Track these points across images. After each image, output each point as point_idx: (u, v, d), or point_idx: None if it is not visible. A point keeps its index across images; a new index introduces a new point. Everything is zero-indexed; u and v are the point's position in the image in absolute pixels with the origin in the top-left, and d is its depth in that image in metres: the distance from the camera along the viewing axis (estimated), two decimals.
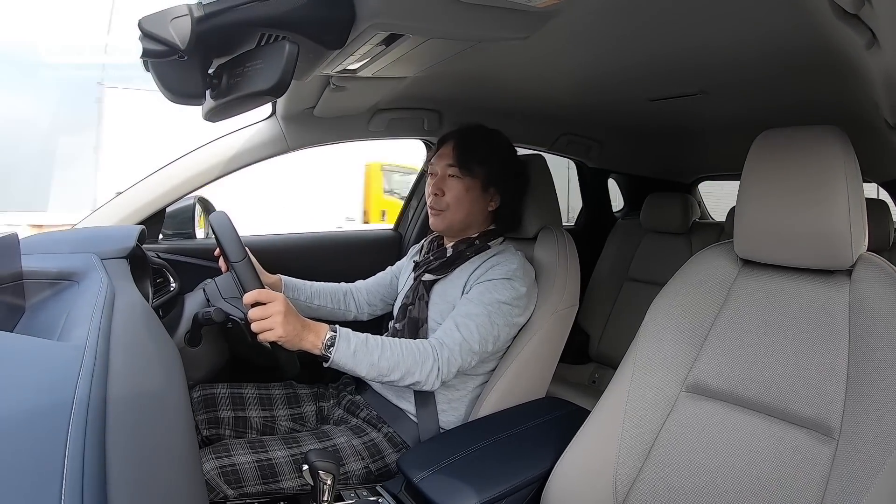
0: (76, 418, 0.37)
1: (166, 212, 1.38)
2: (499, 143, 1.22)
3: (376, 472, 1.08)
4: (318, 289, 1.31)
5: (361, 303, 1.37)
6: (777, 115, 1.45)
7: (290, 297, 1.23)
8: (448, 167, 1.17)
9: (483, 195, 1.18)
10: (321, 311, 1.30)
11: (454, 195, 1.16)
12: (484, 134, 1.21)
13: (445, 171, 1.18)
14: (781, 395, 0.77)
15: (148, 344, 0.64)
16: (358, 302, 1.36)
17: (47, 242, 0.92)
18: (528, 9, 0.77)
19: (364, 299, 1.37)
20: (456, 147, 1.18)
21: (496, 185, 1.19)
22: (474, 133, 1.21)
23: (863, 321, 0.73)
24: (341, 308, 1.33)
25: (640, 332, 0.92)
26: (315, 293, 1.29)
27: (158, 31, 0.61)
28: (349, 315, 1.35)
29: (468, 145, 1.17)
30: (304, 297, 1.27)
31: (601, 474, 0.86)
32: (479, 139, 1.20)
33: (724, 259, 0.90)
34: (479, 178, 1.17)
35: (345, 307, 1.34)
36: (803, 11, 0.76)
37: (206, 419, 1.14)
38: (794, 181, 0.77)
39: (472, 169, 1.16)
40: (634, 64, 1.11)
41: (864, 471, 0.66)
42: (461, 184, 1.16)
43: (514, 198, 1.24)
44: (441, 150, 1.20)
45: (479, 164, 1.16)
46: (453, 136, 1.21)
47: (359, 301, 1.37)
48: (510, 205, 1.23)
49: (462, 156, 1.16)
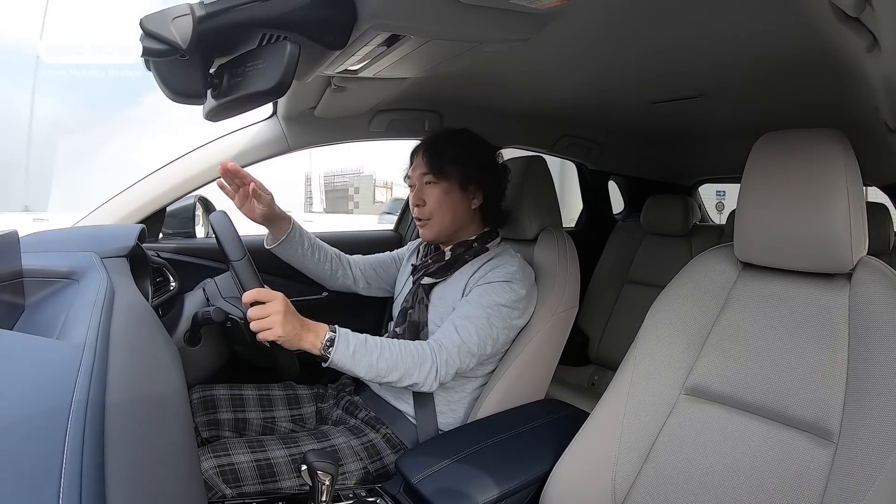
0: (75, 417, 0.37)
1: (166, 211, 1.37)
2: (467, 141, 1.22)
3: (374, 472, 1.08)
4: (322, 244, 1.30)
5: (357, 274, 1.36)
6: (777, 118, 1.45)
7: (295, 237, 1.22)
8: (423, 175, 1.18)
9: (463, 195, 1.18)
10: (320, 266, 1.29)
11: (434, 201, 1.17)
12: (451, 135, 1.22)
13: (421, 179, 1.18)
14: (781, 398, 0.77)
15: (147, 343, 0.64)
16: (354, 271, 1.36)
17: (47, 241, 0.92)
18: (529, 11, 0.77)
19: (360, 273, 1.37)
20: (425, 153, 1.18)
21: (474, 181, 1.19)
22: (441, 137, 1.22)
23: (863, 324, 0.73)
24: (339, 271, 1.33)
25: (640, 334, 0.92)
26: (318, 246, 1.29)
27: (160, 31, 0.61)
28: (347, 280, 1.34)
29: (437, 149, 1.18)
30: (307, 243, 1.26)
31: (600, 476, 0.86)
32: (447, 141, 1.20)
33: (724, 262, 0.90)
34: (456, 179, 1.17)
35: (342, 271, 1.33)
36: (804, 15, 0.76)
37: (205, 421, 1.14)
38: (795, 184, 0.77)
39: (445, 171, 1.16)
40: (635, 66, 1.11)
41: (864, 474, 0.66)
42: (439, 188, 1.17)
43: (496, 190, 1.24)
44: (415, 162, 1.21)
45: (451, 165, 1.16)
46: (422, 145, 1.22)
47: (354, 271, 1.36)
48: (493, 199, 1.23)
49: (433, 160, 1.17)
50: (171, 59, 0.65)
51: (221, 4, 0.64)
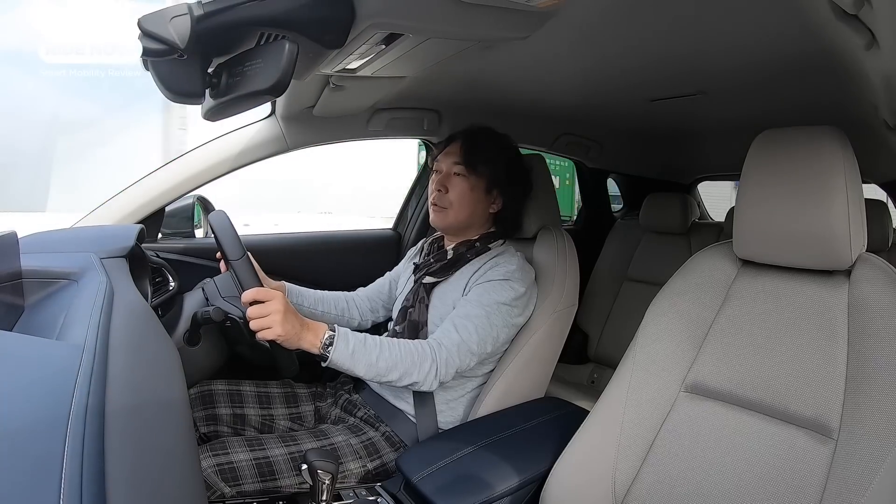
0: (75, 417, 0.37)
1: (165, 211, 1.37)
2: (506, 147, 1.23)
3: (374, 471, 1.08)
4: (321, 296, 1.30)
5: (364, 310, 1.37)
6: (776, 115, 1.45)
7: (294, 303, 1.22)
8: (454, 164, 1.18)
9: (486, 196, 1.19)
10: (325, 317, 1.29)
11: (458, 193, 1.17)
12: (492, 135, 1.22)
13: (451, 168, 1.18)
14: (780, 395, 0.77)
15: (147, 343, 0.64)
16: (361, 309, 1.36)
17: (46, 241, 0.92)
18: (527, 9, 0.77)
19: (367, 306, 1.37)
20: (463, 145, 1.18)
21: (499, 187, 1.19)
22: (482, 133, 1.22)
23: (862, 321, 0.73)
24: (345, 315, 1.33)
25: (639, 332, 0.92)
26: (319, 300, 1.29)
27: (158, 30, 0.61)
28: (353, 322, 1.35)
29: (476, 145, 1.18)
30: (307, 303, 1.26)
31: (600, 474, 0.86)
32: (487, 140, 1.20)
33: (724, 259, 0.90)
34: (484, 179, 1.17)
35: (348, 314, 1.34)
36: (803, 12, 0.76)
37: (203, 416, 1.14)
38: (794, 181, 0.77)
39: (477, 168, 1.16)
40: (634, 64, 1.11)
41: (863, 470, 0.66)
42: (466, 182, 1.17)
43: (516, 202, 1.25)
44: (448, 148, 1.21)
45: (484, 164, 1.17)
46: (461, 134, 1.21)
47: (361, 308, 1.36)
48: (511, 209, 1.23)
49: (469, 154, 1.17)
50: (170, 59, 0.65)
51: (219, 4, 0.64)
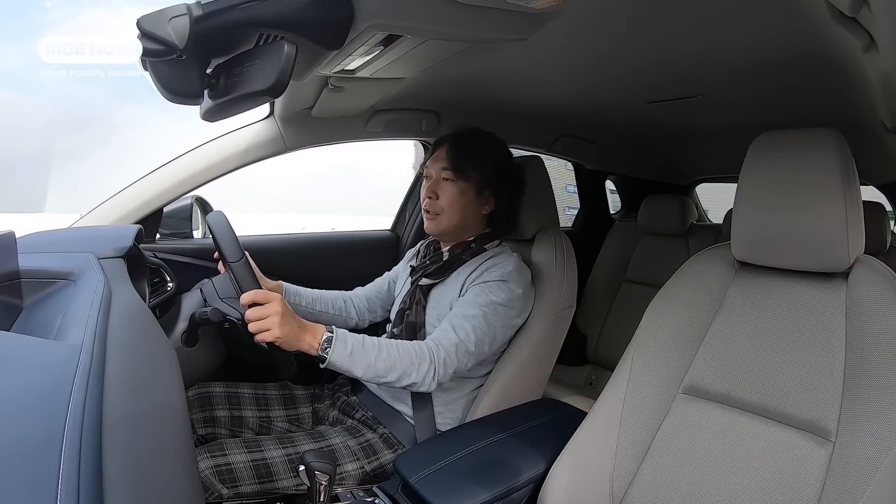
0: (72, 418, 0.37)
1: (163, 211, 1.37)
2: (493, 146, 1.22)
3: (371, 472, 1.08)
4: (318, 295, 1.30)
5: (362, 309, 1.37)
6: (774, 117, 1.46)
7: (292, 302, 1.22)
8: (442, 170, 1.17)
9: (477, 198, 1.18)
10: (323, 316, 1.29)
11: (448, 198, 1.16)
12: (479, 136, 1.21)
13: (440, 173, 1.17)
14: (778, 397, 0.77)
15: (144, 344, 0.64)
16: (358, 308, 1.36)
17: (44, 241, 0.91)
18: (526, 10, 0.77)
19: (364, 306, 1.37)
20: (450, 150, 1.17)
21: (490, 188, 1.18)
22: (469, 135, 1.20)
23: (859, 323, 0.73)
24: (342, 315, 1.33)
25: (637, 333, 0.92)
26: (316, 299, 1.29)
27: (157, 31, 0.61)
28: (350, 322, 1.35)
29: (462, 148, 1.17)
30: (305, 302, 1.26)
31: (598, 476, 0.86)
32: (474, 142, 1.19)
33: (721, 261, 0.90)
34: (473, 182, 1.16)
35: (346, 314, 1.34)
36: (802, 14, 0.76)
37: (201, 418, 1.14)
38: (792, 183, 0.77)
39: (465, 172, 1.16)
40: (632, 66, 1.11)
41: (861, 472, 0.66)
42: (455, 187, 1.16)
43: (509, 201, 1.24)
44: (436, 153, 1.20)
45: (472, 167, 1.16)
46: (448, 138, 1.21)
47: (359, 308, 1.36)
48: (504, 208, 1.23)
49: (456, 159, 1.16)
50: (168, 59, 0.65)
51: (218, 4, 0.64)
